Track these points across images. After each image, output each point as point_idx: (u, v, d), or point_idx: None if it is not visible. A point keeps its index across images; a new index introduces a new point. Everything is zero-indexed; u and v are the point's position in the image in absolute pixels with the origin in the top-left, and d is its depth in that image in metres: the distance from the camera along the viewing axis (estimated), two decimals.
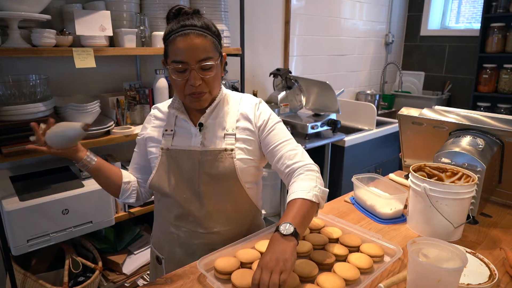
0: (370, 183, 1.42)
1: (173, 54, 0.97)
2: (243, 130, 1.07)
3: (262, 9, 2.63)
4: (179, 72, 0.98)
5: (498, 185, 1.34)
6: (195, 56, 0.96)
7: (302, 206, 0.91)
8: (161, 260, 1.14)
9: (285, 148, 1.06)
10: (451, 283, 0.76)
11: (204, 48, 0.97)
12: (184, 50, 0.95)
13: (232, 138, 1.06)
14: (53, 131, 1.00)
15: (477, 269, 0.96)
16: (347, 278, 0.88)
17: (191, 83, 0.98)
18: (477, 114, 1.35)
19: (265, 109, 1.11)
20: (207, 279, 0.88)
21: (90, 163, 1.06)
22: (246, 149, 1.07)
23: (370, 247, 1.01)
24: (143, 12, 1.82)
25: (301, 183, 0.96)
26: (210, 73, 0.99)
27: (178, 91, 1.03)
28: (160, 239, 1.16)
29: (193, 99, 1.02)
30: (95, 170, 1.08)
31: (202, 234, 1.07)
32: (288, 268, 0.78)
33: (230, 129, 1.07)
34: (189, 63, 0.96)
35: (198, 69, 0.98)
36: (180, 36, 0.95)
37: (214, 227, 1.07)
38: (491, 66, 3.27)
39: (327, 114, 2.58)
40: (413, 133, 1.47)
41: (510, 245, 1.09)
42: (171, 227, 1.10)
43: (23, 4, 1.38)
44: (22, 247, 1.41)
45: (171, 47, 0.98)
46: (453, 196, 1.06)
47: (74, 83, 1.83)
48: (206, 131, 1.07)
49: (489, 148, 1.21)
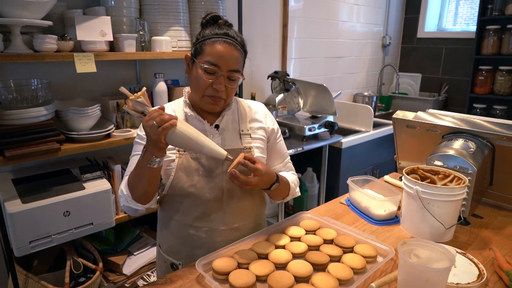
0: (365, 185, 1.46)
1: (209, 55, 1.02)
2: (256, 130, 1.18)
3: (260, 13, 2.66)
4: (209, 73, 1.03)
5: (490, 187, 1.38)
6: (228, 65, 1.03)
7: (286, 179, 1.18)
8: (177, 266, 1.14)
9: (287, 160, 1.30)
10: (439, 282, 0.79)
11: (237, 61, 1.05)
12: (222, 56, 1.02)
13: (248, 137, 1.15)
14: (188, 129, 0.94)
15: (467, 269, 0.99)
16: (341, 278, 0.91)
17: (216, 87, 1.03)
18: (469, 117, 1.39)
19: (273, 118, 1.25)
20: (205, 279, 0.91)
21: (161, 163, 1.00)
22: (260, 147, 1.17)
23: (363, 248, 1.04)
24: (142, 17, 1.85)
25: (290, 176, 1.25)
26: (234, 84, 1.07)
27: (198, 88, 1.05)
28: (175, 246, 1.15)
29: (211, 101, 1.07)
30: (157, 172, 1.01)
31: (223, 231, 1.11)
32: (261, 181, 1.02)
33: (245, 130, 1.16)
34: (222, 68, 1.03)
35: (226, 77, 1.04)
36: (223, 43, 1.03)
37: (235, 222, 1.13)
38: (486, 68, 3.31)
39: (325, 116, 2.62)
40: (407, 136, 1.51)
41: (500, 246, 1.12)
42: (190, 230, 1.11)
43: (25, 11, 1.41)
44: (24, 248, 1.44)
45: (209, 48, 1.03)
46: (444, 198, 1.10)
47: (75, 87, 1.86)
48: (223, 132, 1.13)
49: (480, 151, 1.25)
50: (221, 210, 1.11)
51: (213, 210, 1.10)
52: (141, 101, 0.94)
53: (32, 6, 1.41)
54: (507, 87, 3.23)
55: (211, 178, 1.09)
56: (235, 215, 1.13)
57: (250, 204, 1.16)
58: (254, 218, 1.19)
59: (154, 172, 0.99)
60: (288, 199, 1.24)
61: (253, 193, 1.17)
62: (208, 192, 1.09)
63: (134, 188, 1.04)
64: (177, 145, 0.99)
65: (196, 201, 1.09)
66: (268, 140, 1.21)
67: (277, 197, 1.21)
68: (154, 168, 0.98)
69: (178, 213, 1.12)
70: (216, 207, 1.10)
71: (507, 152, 1.26)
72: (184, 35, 1.92)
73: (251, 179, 0.99)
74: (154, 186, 1.04)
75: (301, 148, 2.33)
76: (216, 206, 1.10)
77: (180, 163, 1.09)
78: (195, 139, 0.95)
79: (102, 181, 1.66)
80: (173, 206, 1.13)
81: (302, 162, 2.79)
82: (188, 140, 0.94)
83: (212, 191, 1.09)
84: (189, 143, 0.95)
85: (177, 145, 1.01)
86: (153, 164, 0.96)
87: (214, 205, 1.10)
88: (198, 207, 1.10)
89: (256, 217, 1.20)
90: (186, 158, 1.09)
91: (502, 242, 1.15)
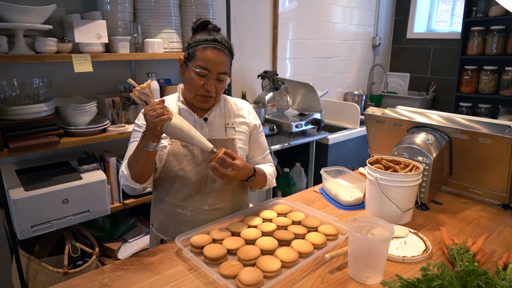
0: (338, 176, 1.59)
1: (201, 60, 1.17)
2: (240, 124, 1.32)
3: (251, 15, 2.79)
4: (200, 75, 1.17)
5: (450, 176, 1.50)
6: (217, 68, 1.17)
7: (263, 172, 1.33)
8: (166, 241, 1.28)
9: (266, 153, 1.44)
10: (380, 250, 0.92)
11: (225, 64, 1.20)
12: (211, 61, 1.16)
13: (232, 130, 1.30)
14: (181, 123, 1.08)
15: (415, 245, 1.12)
16: (301, 251, 1.05)
17: (207, 87, 1.18)
18: (430, 113, 1.52)
19: (255, 115, 1.39)
20: (182, 251, 1.04)
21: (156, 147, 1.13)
22: (242, 140, 1.32)
23: (326, 228, 1.18)
24: (136, 21, 1.98)
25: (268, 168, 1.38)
26: (223, 84, 1.22)
27: (191, 88, 1.20)
28: (164, 223, 1.30)
29: (202, 100, 1.22)
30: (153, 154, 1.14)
31: (206, 210, 1.26)
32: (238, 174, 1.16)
33: (230, 123, 1.31)
34: (212, 72, 1.17)
35: (216, 79, 1.19)
36: (212, 48, 1.16)
37: (217, 204, 1.27)
38: (472, 68, 3.42)
39: (312, 114, 2.75)
40: (377, 130, 1.64)
41: (451, 227, 1.25)
42: (177, 209, 1.27)
43: (27, 16, 1.55)
44: (26, 232, 1.58)
45: (200, 53, 1.17)
46: (399, 184, 1.23)
47: (73, 86, 1.99)
48: (211, 124, 1.28)
49: (438, 143, 1.38)
50: (205, 192, 1.26)
51: (198, 191, 1.25)
52: (146, 92, 1.09)
53: (34, 11, 1.55)
54: (491, 86, 3.35)
55: (197, 164, 1.24)
56: (217, 197, 1.27)
57: (231, 189, 1.30)
58: (234, 201, 1.33)
59: (150, 155, 1.14)
60: (265, 188, 1.39)
61: (234, 181, 1.31)
62: (195, 175, 1.24)
63: (133, 168, 1.18)
64: (171, 135, 1.13)
65: (184, 183, 1.24)
66: (251, 134, 1.36)
67: (255, 187, 1.36)
68: (150, 151, 1.12)
69: (168, 194, 1.27)
70: (201, 189, 1.25)
71: (462, 144, 1.38)
72: (175, 37, 2.06)
73: (228, 172, 1.13)
74: (150, 167, 1.18)
75: (287, 144, 2.46)
76: (201, 188, 1.25)
77: (171, 149, 1.24)
78: (187, 132, 1.09)
79: (98, 172, 1.80)
80: (164, 187, 1.28)
81: (291, 157, 2.92)
82: (181, 132, 1.09)
83: (198, 175, 1.24)
84: (181, 135, 1.09)
85: (171, 135, 1.15)
86: (150, 147, 1.11)
87: (199, 187, 1.25)
88: (185, 189, 1.24)
89: (236, 201, 1.34)
90: (177, 145, 1.24)
91: (454, 224, 1.28)
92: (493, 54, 3.28)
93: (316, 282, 0.95)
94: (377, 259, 0.94)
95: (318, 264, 1.03)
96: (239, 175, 1.18)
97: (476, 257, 1.01)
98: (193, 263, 1.02)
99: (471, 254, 0.99)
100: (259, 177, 1.28)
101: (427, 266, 0.82)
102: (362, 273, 0.95)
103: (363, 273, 0.95)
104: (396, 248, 1.10)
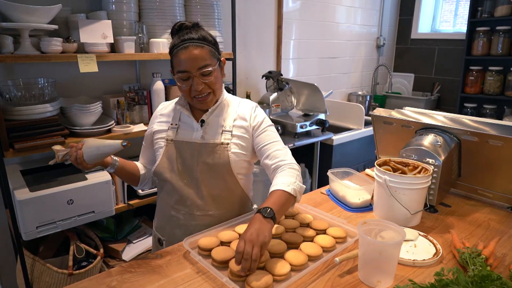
0: (345, 177, 1.58)
1: (177, 65, 1.15)
2: (239, 128, 1.24)
3: (255, 15, 2.78)
4: (183, 80, 1.15)
5: (459, 178, 1.49)
6: (195, 65, 1.13)
7: (281, 196, 1.05)
8: (162, 241, 1.30)
9: (273, 147, 1.22)
10: (391, 254, 0.91)
11: (202, 57, 1.13)
12: (185, 61, 1.12)
13: (228, 134, 1.22)
14: (92, 151, 1.12)
15: (426, 248, 1.11)
16: (310, 254, 1.04)
17: (194, 88, 1.15)
18: (439, 115, 1.50)
19: (260, 113, 1.28)
20: (190, 253, 1.03)
21: (115, 166, 1.24)
22: (240, 144, 1.23)
23: (335, 230, 1.16)
24: (141, 21, 1.98)
25: (283, 177, 1.11)
26: (210, 77, 1.16)
27: (185, 95, 1.20)
28: (162, 223, 1.31)
29: (198, 101, 1.19)
30: (119, 170, 1.26)
31: (198, 216, 1.23)
32: (266, 243, 0.94)
33: (227, 127, 1.23)
34: (191, 71, 1.13)
35: (199, 75, 1.14)
36: (182, 49, 1.12)
37: (209, 210, 1.23)
38: (477, 68, 3.40)
39: (316, 114, 2.73)
40: (385, 132, 1.62)
41: (461, 230, 1.24)
42: (171, 211, 1.25)
43: (33, 16, 1.54)
44: (32, 233, 1.57)
45: (175, 59, 1.15)
46: (409, 186, 1.21)
47: (78, 86, 1.99)
48: (207, 127, 1.24)
49: (447, 145, 1.36)
50: (197, 197, 1.22)
51: (189, 196, 1.22)
52: (60, 152, 1.15)
53: (40, 11, 1.55)
54: (496, 87, 3.33)
55: (187, 166, 1.22)
56: (209, 203, 1.22)
57: (226, 196, 1.23)
58: (230, 209, 1.25)
59: (119, 171, 1.27)
60: (299, 199, 1.14)
61: (232, 188, 1.24)
62: (186, 178, 1.22)
63: None
64: (95, 161, 1.14)
65: (175, 186, 1.23)
66: (253, 135, 1.25)
67: (292, 205, 1.13)
68: (117, 170, 1.25)
69: (164, 195, 1.27)
70: (192, 194, 1.22)
71: (472, 146, 1.37)
72: None
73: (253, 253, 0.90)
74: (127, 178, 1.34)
75: (292, 144, 2.45)
76: (192, 193, 1.22)
77: (166, 151, 1.24)
78: (97, 152, 1.12)
79: (103, 173, 1.79)
80: (162, 188, 1.29)
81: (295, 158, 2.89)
82: (95, 156, 1.13)
83: (189, 178, 1.22)
84: (98, 157, 1.13)
85: (95, 162, 1.14)
86: (110, 170, 1.25)
87: (190, 191, 1.22)
88: (177, 191, 1.23)
89: (233, 208, 1.26)
90: (171, 146, 1.23)
91: (463, 227, 1.27)
92: (498, 54, 3.26)
93: (326, 285, 0.94)
94: (388, 263, 0.93)
95: (328, 268, 1.01)
96: (262, 238, 0.93)
97: (488, 261, 1.00)
98: (201, 265, 1.01)
99: (483, 258, 0.97)
100: (283, 208, 1.05)
101: (441, 270, 0.81)
102: (373, 277, 0.94)
103: (374, 277, 0.93)
104: (406, 251, 1.09)
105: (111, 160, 1.23)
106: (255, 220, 0.98)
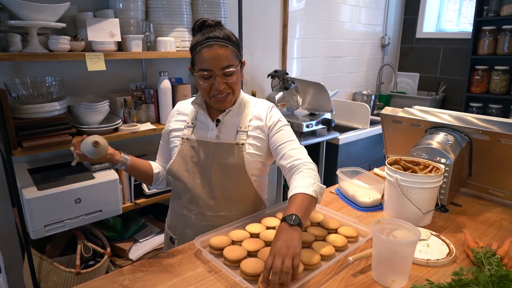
0: (354, 176, 1.57)
1: (200, 63, 1.12)
2: (254, 128, 1.22)
3: (261, 14, 2.78)
4: (205, 78, 1.13)
5: (469, 177, 1.48)
6: (218, 65, 1.11)
7: (304, 200, 1.01)
8: (174, 240, 1.29)
9: (288, 146, 1.19)
10: (406, 253, 0.90)
11: (226, 57, 1.11)
12: (209, 59, 1.10)
13: (244, 134, 1.21)
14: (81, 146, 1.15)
15: (439, 248, 1.10)
16: (323, 254, 1.03)
17: (215, 88, 1.13)
18: (449, 113, 1.49)
19: (276, 112, 1.27)
20: (202, 253, 1.03)
21: (125, 163, 1.24)
22: (255, 145, 1.21)
23: (346, 230, 1.16)
24: (148, 19, 1.97)
25: (301, 179, 1.07)
26: (232, 78, 1.14)
27: (204, 93, 1.18)
28: (174, 221, 1.30)
29: (217, 101, 1.17)
30: (130, 168, 1.26)
31: (210, 217, 1.22)
32: (298, 253, 0.88)
33: (243, 127, 1.22)
34: (214, 70, 1.12)
35: (222, 75, 1.13)
36: (206, 47, 1.10)
37: (221, 211, 1.22)
38: (482, 67, 3.38)
39: (322, 114, 2.72)
40: (394, 131, 1.61)
41: (473, 230, 1.23)
42: (184, 210, 1.25)
43: (41, 14, 1.53)
44: (39, 231, 1.56)
45: (197, 57, 1.13)
46: (420, 186, 1.20)
47: (86, 84, 1.98)
48: (223, 127, 1.22)
49: (458, 144, 1.35)
50: (209, 197, 1.21)
51: (201, 195, 1.21)
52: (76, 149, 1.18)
53: (48, 9, 1.54)
54: (502, 86, 3.31)
55: (201, 166, 1.21)
56: (221, 204, 1.21)
57: (239, 197, 1.22)
58: (243, 211, 1.24)
59: (130, 170, 1.27)
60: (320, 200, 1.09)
61: (245, 190, 1.22)
62: (199, 178, 1.21)
63: None
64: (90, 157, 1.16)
65: (188, 185, 1.22)
66: (269, 134, 1.23)
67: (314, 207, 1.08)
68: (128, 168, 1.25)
69: (177, 193, 1.27)
70: (205, 194, 1.21)
71: (483, 145, 1.36)
72: (187, 35, 2.04)
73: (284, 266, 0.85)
74: (142, 175, 1.32)
75: None
76: (205, 193, 1.21)
77: (181, 150, 1.23)
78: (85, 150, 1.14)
79: (110, 171, 1.79)
80: (175, 187, 1.28)
81: None
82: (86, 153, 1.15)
83: (202, 178, 1.21)
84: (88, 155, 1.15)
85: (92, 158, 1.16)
86: (121, 168, 1.25)
87: (203, 191, 1.21)
88: (190, 191, 1.22)
89: (245, 210, 1.25)
90: (186, 145, 1.23)
91: (475, 226, 1.26)
92: (504, 54, 3.24)
93: (340, 285, 0.93)
94: (403, 263, 0.92)
95: (341, 267, 1.01)
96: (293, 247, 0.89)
97: (503, 260, 0.99)
98: (213, 264, 1.00)
99: (498, 257, 0.96)
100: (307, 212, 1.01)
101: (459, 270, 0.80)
102: (387, 276, 0.93)
103: (389, 277, 0.93)
104: (419, 251, 1.08)
105: (121, 158, 1.22)
106: (281, 230, 0.92)
